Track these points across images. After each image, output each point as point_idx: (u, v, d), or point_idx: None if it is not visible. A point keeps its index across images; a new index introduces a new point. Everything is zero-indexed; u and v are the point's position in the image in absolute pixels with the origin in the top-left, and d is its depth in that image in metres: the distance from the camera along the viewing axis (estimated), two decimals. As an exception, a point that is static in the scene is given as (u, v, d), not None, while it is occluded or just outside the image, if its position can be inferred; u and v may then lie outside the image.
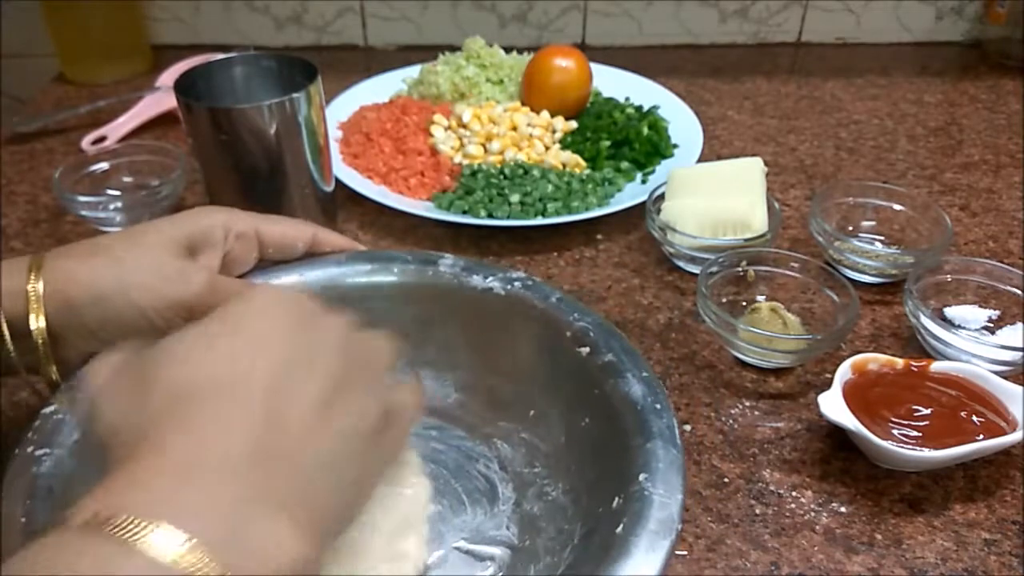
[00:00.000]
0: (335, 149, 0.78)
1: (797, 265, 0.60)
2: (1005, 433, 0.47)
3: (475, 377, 0.50)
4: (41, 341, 0.42)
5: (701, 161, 0.76)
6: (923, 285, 0.59)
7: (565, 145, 0.80)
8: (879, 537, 0.46)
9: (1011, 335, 0.57)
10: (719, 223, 0.64)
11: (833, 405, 0.48)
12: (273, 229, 0.50)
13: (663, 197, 0.67)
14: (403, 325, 0.52)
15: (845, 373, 0.51)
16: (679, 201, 0.65)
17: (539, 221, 0.68)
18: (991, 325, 0.59)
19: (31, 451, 0.39)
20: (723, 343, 0.58)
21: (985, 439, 0.47)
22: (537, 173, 0.72)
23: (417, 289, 0.51)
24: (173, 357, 0.32)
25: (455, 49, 0.91)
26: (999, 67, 1.02)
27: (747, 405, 0.55)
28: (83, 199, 0.68)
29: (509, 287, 0.49)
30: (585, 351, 0.45)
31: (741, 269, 0.60)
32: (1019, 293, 0.58)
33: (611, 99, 0.87)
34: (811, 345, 0.55)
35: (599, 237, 0.71)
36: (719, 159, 0.72)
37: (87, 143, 0.83)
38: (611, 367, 0.44)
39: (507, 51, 0.91)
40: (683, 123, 0.83)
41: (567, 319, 0.47)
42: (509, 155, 0.76)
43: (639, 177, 0.77)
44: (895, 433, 0.48)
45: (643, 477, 0.37)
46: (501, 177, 0.72)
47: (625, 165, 0.77)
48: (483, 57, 0.88)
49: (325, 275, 0.51)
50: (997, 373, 0.51)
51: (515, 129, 0.78)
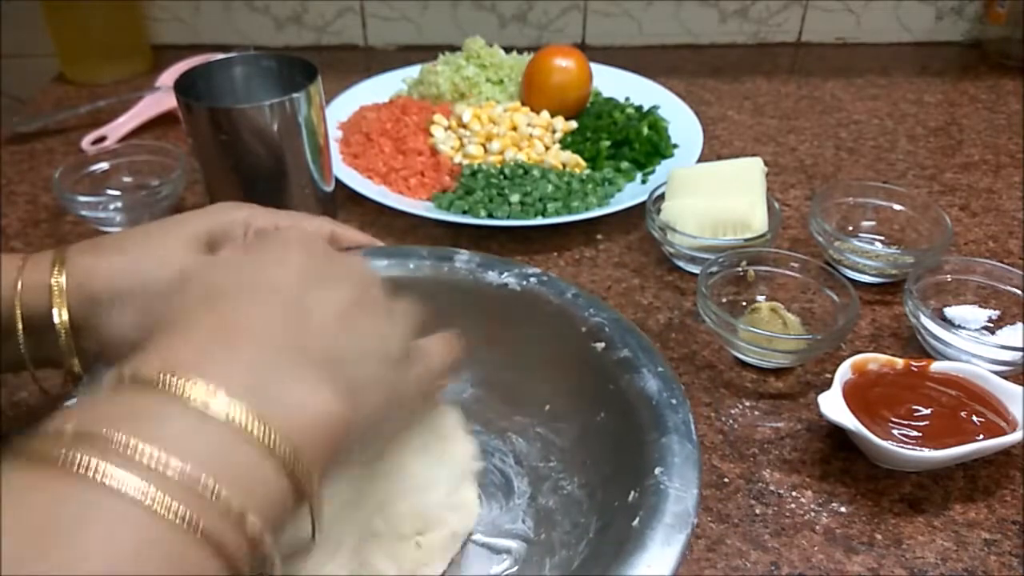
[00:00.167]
0: (335, 149, 0.78)
1: (797, 265, 0.60)
2: (1005, 433, 0.47)
3: (491, 372, 0.50)
4: (64, 334, 0.43)
5: (701, 161, 0.76)
6: (923, 285, 0.59)
7: (565, 145, 0.80)
8: (879, 537, 0.46)
9: (1011, 335, 0.57)
10: (719, 223, 0.64)
11: (833, 405, 0.48)
12: (291, 225, 0.50)
13: (663, 197, 0.67)
14: (418, 320, 0.52)
15: (845, 373, 0.51)
16: (679, 201, 0.65)
17: (539, 221, 0.68)
18: (991, 325, 0.59)
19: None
20: (723, 343, 0.58)
21: (985, 439, 0.47)
22: (537, 173, 0.72)
23: (433, 284, 0.51)
24: (204, 267, 0.33)
25: (455, 49, 0.91)
26: (999, 67, 1.02)
27: (747, 405, 0.55)
28: (83, 199, 0.68)
29: (525, 283, 0.49)
30: (601, 346, 0.45)
31: (741, 269, 0.60)
32: (1019, 293, 0.58)
33: (611, 99, 0.87)
34: (811, 345, 0.55)
35: (599, 237, 0.71)
36: (719, 159, 0.72)
37: (87, 143, 0.83)
38: (627, 362, 0.44)
39: (507, 51, 0.91)
40: (683, 123, 0.83)
41: (582, 315, 0.47)
42: (509, 155, 0.76)
43: (639, 177, 0.77)
44: (895, 433, 0.48)
45: (659, 471, 0.38)
46: (501, 177, 0.72)
47: (625, 165, 0.77)
48: (483, 57, 0.88)
49: None
50: (997, 373, 0.51)
51: (515, 129, 0.78)
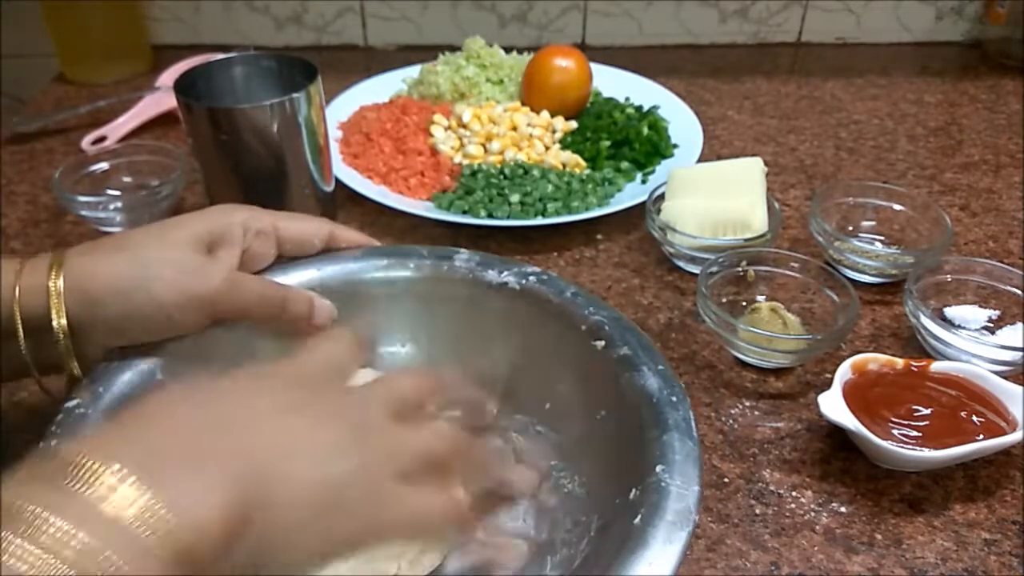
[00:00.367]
0: (335, 149, 0.78)
1: (797, 265, 0.60)
2: (1005, 433, 0.47)
3: (490, 371, 0.50)
4: (62, 336, 0.43)
5: (701, 161, 0.76)
6: (923, 285, 0.59)
7: (565, 145, 0.80)
8: (879, 537, 0.46)
9: (1011, 335, 0.57)
10: (719, 223, 0.64)
11: (833, 405, 0.48)
12: (291, 226, 0.51)
13: (663, 197, 0.67)
14: (418, 320, 0.52)
15: (845, 373, 0.51)
16: (679, 201, 0.65)
17: (539, 221, 0.68)
18: (991, 325, 0.59)
19: (54, 444, 0.40)
20: (723, 343, 0.58)
21: (985, 439, 0.47)
22: (537, 173, 0.72)
23: (433, 284, 0.51)
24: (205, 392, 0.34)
25: (455, 49, 0.91)
26: (999, 67, 1.02)
27: (747, 405, 0.55)
28: (83, 199, 0.68)
29: (524, 282, 0.49)
30: (601, 345, 0.45)
31: (741, 269, 0.60)
32: (1019, 293, 0.58)
33: (611, 99, 0.87)
34: (811, 345, 0.55)
35: (599, 237, 0.71)
36: (719, 159, 0.72)
37: (87, 143, 0.83)
38: (627, 360, 0.44)
39: (507, 51, 0.91)
40: (683, 123, 0.83)
41: (582, 313, 0.47)
42: (509, 155, 0.76)
43: (639, 177, 0.77)
44: (895, 433, 0.48)
45: (660, 468, 0.38)
46: (501, 177, 0.72)
47: (625, 165, 0.77)
48: (483, 57, 0.88)
49: (342, 270, 0.51)
50: (997, 373, 0.51)
51: (515, 129, 0.78)
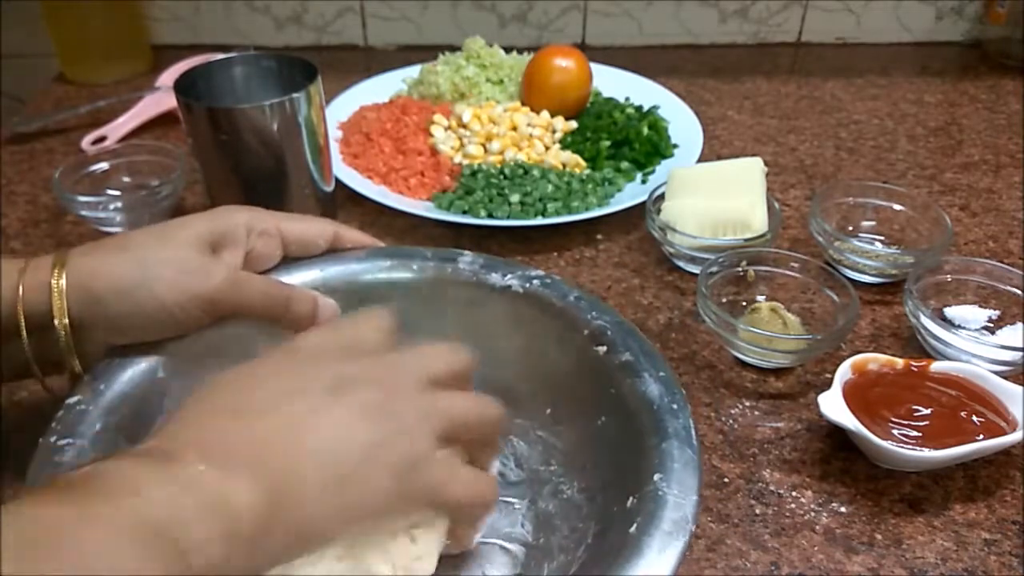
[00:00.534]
0: (335, 149, 0.78)
1: (797, 265, 0.60)
2: (1005, 433, 0.47)
3: (492, 374, 0.50)
4: (64, 334, 0.43)
5: (701, 161, 0.76)
6: (923, 285, 0.59)
7: (565, 145, 0.80)
8: (879, 537, 0.46)
9: (1011, 335, 0.57)
10: (719, 223, 0.64)
11: (833, 405, 0.48)
12: (295, 227, 0.51)
13: (663, 197, 0.67)
14: (420, 321, 0.52)
15: (845, 373, 0.51)
16: (679, 201, 0.65)
17: (539, 221, 0.68)
18: (991, 325, 0.59)
19: (54, 441, 0.40)
20: (723, 343, 0.58)
21: (985, 439, 0.47)
22: (537, 173, 0.72)
23: (436, 286, 0.51)
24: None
25: (455, 49, 0.91)
26: (999, 67, 1.02)
27: (747, 405, 0.55)
28: (83, 199, 0.68)
29: (528, 285, 0.49)
30: (602, 350, 0.45)
31: (741, 269, 0.60)
32: (1019, 293, 0.58)
33: (611, 99, 0.87)
34: (811, 345, 0.55)
35: (599, 237, 0.71)
36: (719, 159, 0.72)
37: (87, 143, 0.83)
38: (628, 366, 0.44)
39: (507, 51, 0.91)
40: (683, 123, 0.83)
41: (585, 317, 0.47)
42: (509, 155, 0.76)
43: (639, 177, 0.77)
44: (895, 433, 0.48)
45: (658, 477, 0.37)
46: (501, 177, 0.72)
47: (625, 165, 0.77)
48: (483, 57, 0.88)
49: (345, 271, 0.51)
50: (997, 373, 0.51)
51: (515, 129, 0.78)
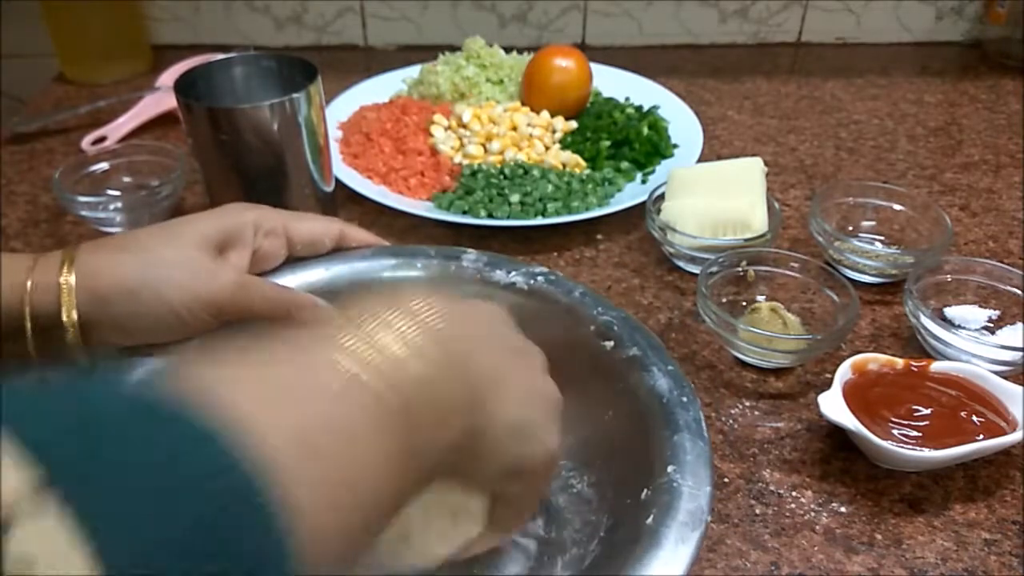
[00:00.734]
0: (335, 149, 0.78)
1: (797, 265, 0.60)
2: (1005, 433, 0.47)
3: None
4: (72, 332, 0.43)
5: (701, 161, 0.76)
6: (923, 285, 0.59)
7: (565, 145, 0.80)
8: (879, 537, 0.46)
9: (1011, 335, 0.57)
10: (719, 223, 0.64)
11: (833, 405, 0.48)
12: (301, 226, 0.51)
13: (663, 197, 0.67)
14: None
15: (845, 373, 0.51)
16: (679, 201, 0.65)
17: (539, 221, 0.68)
18: (991, 325, 0.59)
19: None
20: (723, 343, 0.58)
21: (985, 439, 0.47)
22: (537, 173, 0.72)
23: (441, 284, 0.51)
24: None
25: (455, 49, 0.91)
26: (999, 67, 1.02)
27: (747, 405, 0.55)
28: (83, 199, 0.68)
29: (532, 282, 0.50)
30: (610, 345, 0.45)
31: (741, 269, 0.60)
32: (1019, 293, 0.58)
33: (611, 99, 0.87)
34: (811, 345, 0.55)
35: (599, 237, 0.71)
36: (719, 159, 0.72)
37: (87, 143, 0.83)
38: (636, 361, 0.44)
39: (507, 51, 0.91)
40: (683, 123, 0.83)
41: (591, 313, 0.47)
42: (509, 155, 0.76)
43: (639, 177, 0.77)
44: (895, 433, 0.48)
45: (671, 469, 0.38)
46: (501, 177, 0.72)
47: (625, 165, 0.77)
48: (483, 57, 0.88)
49: (350, 270, 0.52)
50: (997, 373, 0.51)
51: (515, 129, 0.78)
